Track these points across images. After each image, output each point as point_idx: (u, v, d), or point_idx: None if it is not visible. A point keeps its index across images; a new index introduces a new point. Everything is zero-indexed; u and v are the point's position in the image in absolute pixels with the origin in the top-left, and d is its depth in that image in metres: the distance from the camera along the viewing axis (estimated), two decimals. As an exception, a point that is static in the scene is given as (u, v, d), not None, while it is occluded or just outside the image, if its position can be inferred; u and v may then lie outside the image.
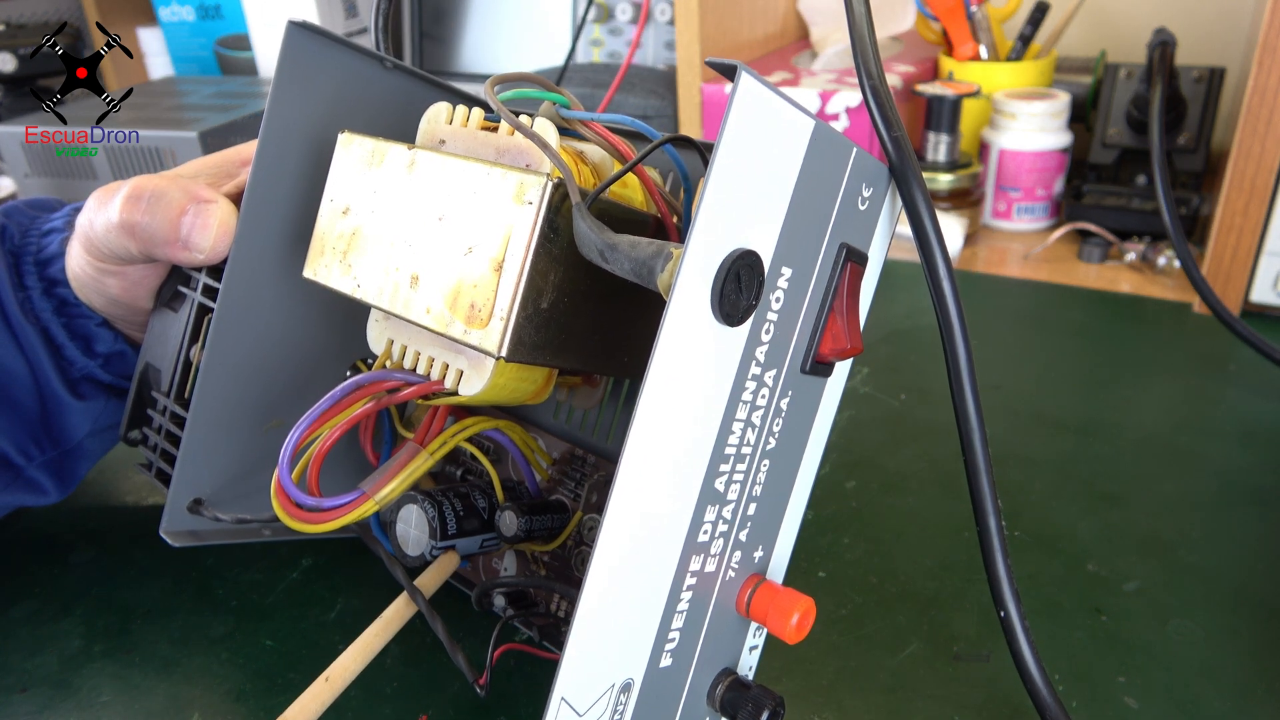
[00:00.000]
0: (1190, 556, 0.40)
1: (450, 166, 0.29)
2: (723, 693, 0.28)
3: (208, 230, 0.33)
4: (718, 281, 0.23)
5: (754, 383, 0.26)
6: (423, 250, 0.29)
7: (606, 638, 0.24)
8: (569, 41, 0.95)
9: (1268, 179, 0.55)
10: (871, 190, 0.29)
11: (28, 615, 0.41)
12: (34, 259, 0.40)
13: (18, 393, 0.40)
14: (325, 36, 0.33)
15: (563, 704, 0.23)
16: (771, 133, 0.24)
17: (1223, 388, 0.52)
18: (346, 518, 0.31)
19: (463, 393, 0.30)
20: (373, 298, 0.30)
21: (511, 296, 0.27)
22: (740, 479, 0.27)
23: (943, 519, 0.43)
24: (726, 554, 0.28)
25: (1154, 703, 0.33)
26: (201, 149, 0.73)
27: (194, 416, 0.34)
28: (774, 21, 0.87)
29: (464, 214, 0.28)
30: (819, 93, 0.70)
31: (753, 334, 0.25)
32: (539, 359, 0.28)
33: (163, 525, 0.34)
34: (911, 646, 0.36)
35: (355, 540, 0.44)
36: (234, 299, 0.34)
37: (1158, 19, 0.81)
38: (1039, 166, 0.72)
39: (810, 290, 0.27)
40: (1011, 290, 0.65)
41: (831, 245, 0.27)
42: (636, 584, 0.24)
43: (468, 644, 0.38)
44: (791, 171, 0.25)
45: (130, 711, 0.36)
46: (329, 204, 0.32)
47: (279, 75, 0.32)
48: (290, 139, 0.33)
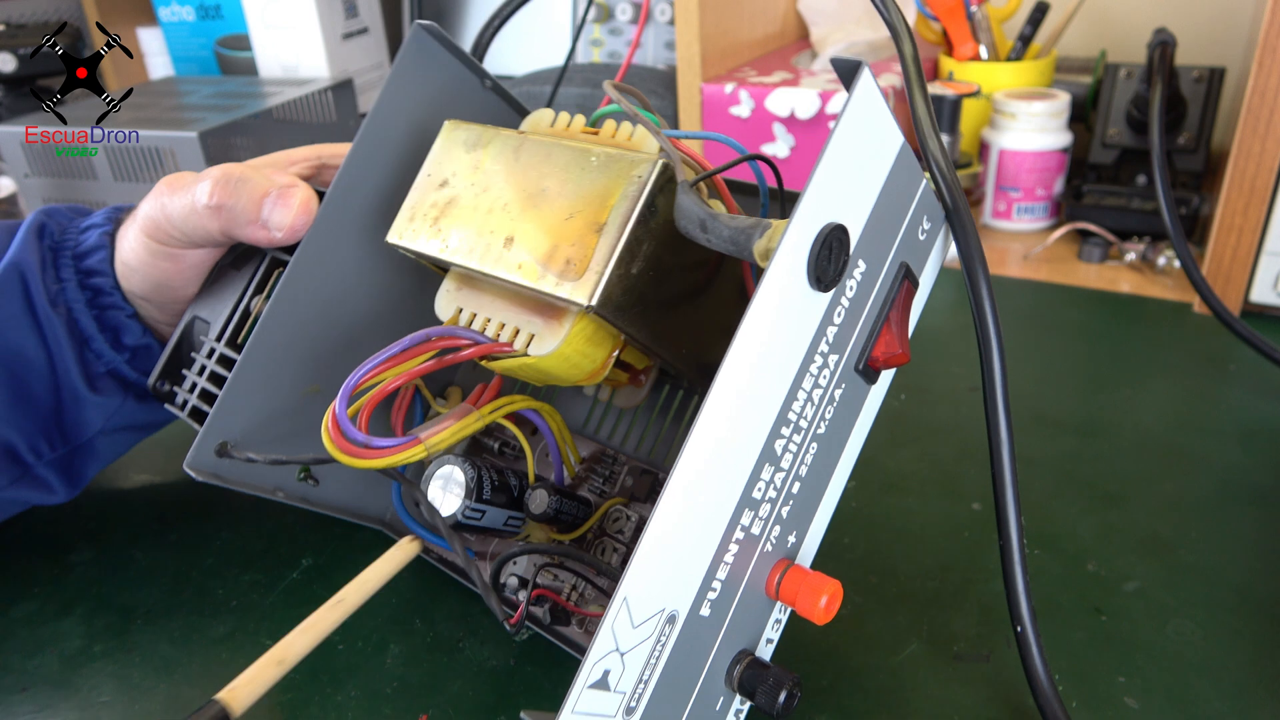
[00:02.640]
0: (1190, 556, 0.40)
1: (561, 147, 0.31)
2: (741, 671, 0.29)
3: (289, 211, 0.36)
4: (815, 245, 0.26)
5: (820, 359, 0.28)
6: (521, 216, 0.31)
7: (668, 557, 0.25)
8: (569, 41, 0.95)
9: (1268, 179, 0.55)
10: (930, 225, 0.32)
11: (28, 615, 0.41)
12: (72, 253, 0.41)
13: (35, 385, 0.40)
14: (445, 42, 0.37)
15: (624, 605, 0.24)
16: (874, 134, 0.28)
17: (1223, 388, 0.52)
18: (395, 457, 0.31)
19: (533, 353, 0.31)
20: (460, 257, 0.32)
21: (609, 253, 0.29)
22: (793, 451, 0.29)
23: (943, 519, 0.43)
24: (769, 524, 0.29)
25: (1154, 703, 0.33)
26: (201, 149, 0.73)
27: (244, 360, 0.35)
28: (774, 21, 0.87)
29: (570, 187, 0.30)
30: (819, 93, 0.70)
31: (829, 310, 0.28)
32: (619, 320, 0.30)
33: (188, 460, 0.34)
34: (911, 646, 0.36)
35: (355, 541, 0.44)
36: (308, 257, 0.36)
37: (1158, 19, 0.81)
38: (1039, 166, 0.72)
39: (874, 293, 0.30)
40: (1011, 290, 0.65)
41: (895, 259, 0.30)
42: (701, 510, 0.26)
43: (468, 644, 0.38)
44: (880, 175, 0.29)
45: (130, 711, 0.36)
46: (425, 178, 0.34)
47: (398, 66, 0.36)
48: (391, 123, 0.36)
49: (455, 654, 0.37)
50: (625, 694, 0.25)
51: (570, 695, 0.23)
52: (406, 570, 0.41)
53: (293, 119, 0.93)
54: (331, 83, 0.90)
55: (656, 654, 0.26)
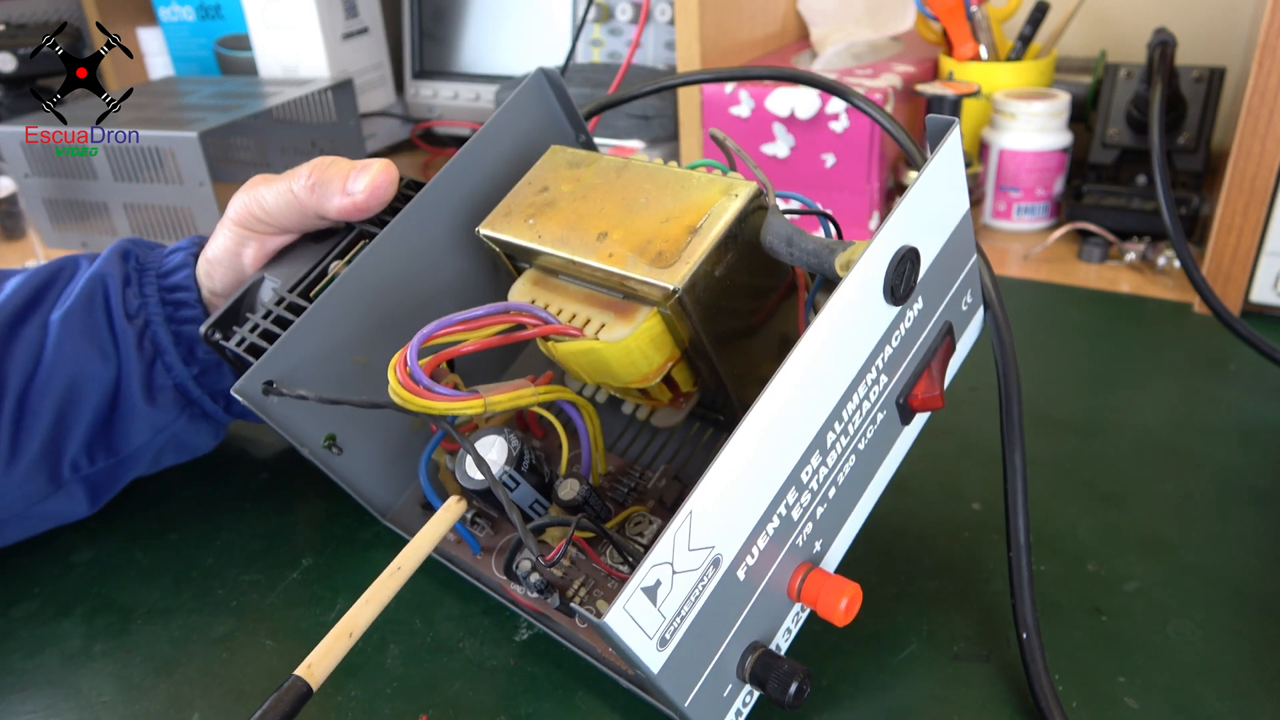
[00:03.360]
0: (1190, 556, 0.40)
1: (665, 170, 0.35)
2: (753, 662, 0.29)
3: (365, 177, 0.40)
4: (895, 260, 0.29)
5: (875, 372, 0.31)
6: (617, 218, 0.34)
7: (732, 489, 0.27)
8: (569, 41, 0.95)
9: (1268, 179, 0.54)
10: (971, 301, 0.36)
11: (28, 615, 0.41)
12: (156, 272, 0.45)
13: (94, 395, 0.43)
14: (559, 91, 0.42)
15: (689, 519, 0.26)
16: (951, 188, 0.32)
17: (1223, 388, 0.52)
18: (454, 405, 0.33)
19: (603, 338, 0.34)
20: (551, 246, 0.35)
21: (701, 249, 0.32)
22: (838, 451, 0.31)
23: (943, 519, 0.43)
24: (805, 517, 0.30)
25: (1154, 703, 0.33)
26: (201, 149, 0.73)
27: (314, 309, 0.38)
28: (774, 21, 0.87)
29: (669, 200, 0.34)
30: (819, 93, 0.70)
31: (891, 328, 0.31)
32: (696, 313, 0.33)
33: (237, 385, 0.36)
34: (911, 646, 0.36)
35: (355, 541, 0.44)
36: (396, 234, 0.40)
37: (1158, 19, 0.81)
38: (1039, 166, 0.72)
39: (924, 335, 0.33)
40: (1011, 290, 0.65)
41: (944, 314, 0.34)
42: (765, 458, 0.27)
43: (468, 644, 0.38)
44: (948, 226, 0.32)
45: (130, 711, 0.36)
46: (525, 185, 0.38)
47: (517, 95, 0.41)
48: (497, 139, 0.41)
49: (455, 654, 0.37)
50: (666, 619, 0.26)
51: (626, 589, 0.24)
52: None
53: (293, 119, 0.93)
54: (331, 83, 0.90)
55: (697, 592, 0.27)
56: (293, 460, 0.50)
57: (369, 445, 0.42)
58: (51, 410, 0.42)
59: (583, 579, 0.37)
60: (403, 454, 0.43)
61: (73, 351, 0.42)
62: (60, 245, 0.84)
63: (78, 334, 0.42)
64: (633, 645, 0.25)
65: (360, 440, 0.41)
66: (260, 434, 0.54)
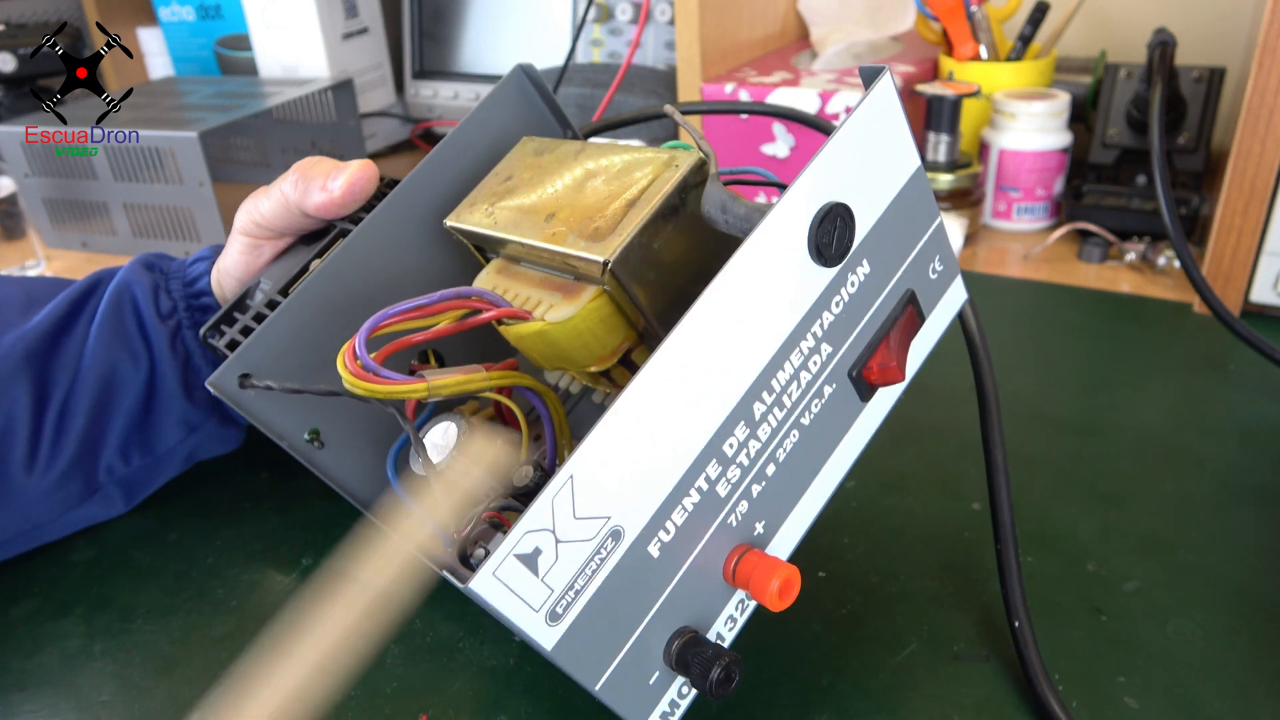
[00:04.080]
0: (1190, 556, 0.40)
1: (618, 148, 0.35)
2: (679, 647, 0.28)
3: (343, 175, 0.41)
4: (817, 217, 0.28)
5: (813, 339, 0.30)
6: (566, 198, 0.34)
7: (623, 458, 0.26)
8: (569, 41, 0.95)
9: (1268, 179, 0.55)
10: (943, 269, 0.34)
11: (28, 615, 0.41)
12: (181, 280, 0.46)
13: (128, 396, 0.44)
14: (540, 87, 0.42)
15: (569, 483, 0.25)
16: (890, 141, 0.30)
17: (1223, 388, 0.52)
18: (398, 388, 0.33)
19: (549, 319, 0.33)
20: (503, 230, 0.35)
21: (635, 222, 0.31)
22: (772, 424, 0.30)
23: (943, 519, 0.43)
24: (736, 495, 0.29)
25: (1154, 703, 0.33)
26: (201, 149, 0.73)
27: (288, 303, 0.39)
28: (774, 21, 0.87)
29: (615, 175, 0.33)
30: (819, 93, 0.70)
31: (827, 293, 0.29)
32: (633, 286, 0.32)
33: (212, 378, 0.36)
34: (911, 646, 0.36)
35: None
36: (369, 230, 0.40)
37: (1158, 19, 0.81)
38: (1039, 166, 0.72)
39: (877, 304, 0.32)
40: (1011, 290, 0.65)
41: (901, 283, 0.32)
42: (667, 425, 0.26)
43: (468, 644, 0.38)
44: (894, 184, 0.31)
45: (130, 711, 0.36)
46: (493, 176, 0.38)
47: (492, 95, 0.41)
48: (472, 137, 0.41)
49: (455, 654, 0.37)
50: (554, 592, 0.25)
51: (495, 554, 0.23)
52: (406, 570, 0.42)
53: (293, 119, 0.93)
54: (331, 83, 0.90)
55: (594, 566, 0.26)
56: (293, 461, 0.50)
57: (352, 440, 0.42)
58: (86, 415, 0.43)
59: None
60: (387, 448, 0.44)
61: (105, 357, 0.44)
62: (60, 245, 0.84)
63: (110, 339, 0.44)
64: (514, 617, 0.24)
65: (343, 435, 0.41)
66: (260, 434, 0.54)
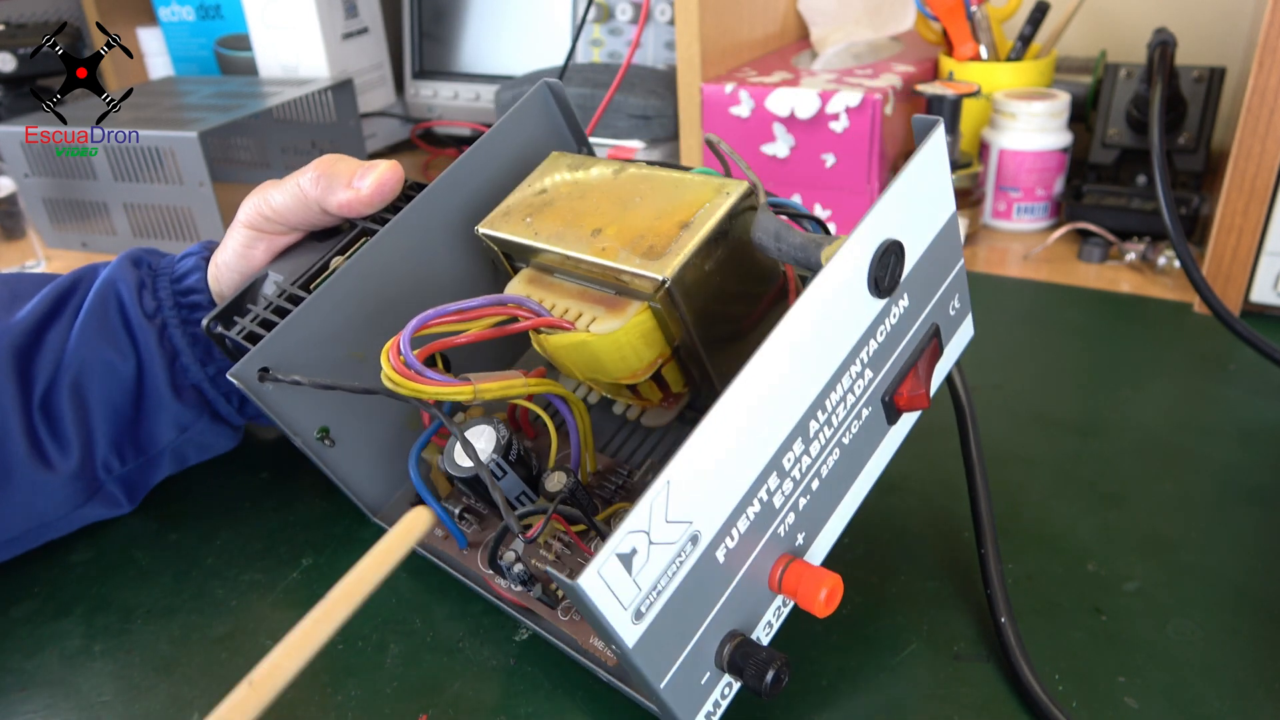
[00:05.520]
0: (1190, 556, 0.40)
1: (661, 172, 0.36)
2: (731, 650, 0.29)
3: (372, 174, 0.41)
4: (878, 252, 0.30)
5: (860, 365, 0.31)
6: (612, 215, 0.35)
7: (711, 463, 0.27)
8: (569, 41, 0.95)
9: (1268, 179, 0.54)
10: (959, 307, 0.37)
11: (28, 615, 0.41)
12: (169, 277, 0.46)
13: (118, 396, 0.44)
14: (563, 104, 0.44)
15: (666, 488, 0.26)
16: (935, 187, 0.33)
17: (1223, 388, 0.52)
18: (444, 390, 0.33)
19: (594, 330, 0.34)
20: (547, 242, 0.35)
21: (692, 243, 0.32)
22: (821, 441, 0.31)
23: (943, 519, 0.43)
24: (786, 507, 0.30)
25: (1154, 703, 0.33)
26: (201, 149, 0.73)
27: (312, 299, 0.39)
28: (774, 21, 0.87)
29: (663, 199, 0.35)
30: (819, 93, 0.70)
31: (875, 322, 0.31)
32: (685, 304, 0.33)
33: (234, 370, 0.37)
34: (911, 646, 0.36)
35: (355, 541, 0.44)
36: (396, 231, 0.41)
37: (1158, 19, 0.81)
38: (1039, 166, 0.72)
39: (910, 333, 0.34)
40: (1011, 290, 0.65)
41: (930, 316, 0.35)
42: (746, 434, 0.28)
43: (468, 644, 0.38)
44: (934, 226, 0.33)
45: (130, 711, 0.36)
46: (526, 187, 0.39)
47: (521, 107, 0.42)
48: (498, 146, 0.42)
49: (455, 654, 0.37)
50: (641, 591, 0.26)
51: (601, 553, 0.24)
52: (406, 570, 0.42)
53: (293, 119, 0.93)
54: (331, 83, 0.90)
55: (674, 568, 0.27)
56: (293, 460, 0.50)
57: (362, 441, 0.42)
58: (72, 409, 0.43)
59: (567, 572, 0.37)
60: (396, 452, 0.44)
61: (89, 354, 0.43)
62: (60, 245, 0.84)
63: (94, 336, 0.43)
64: (607, 614, 0.25)
65: (354, 435, 0.42)
66: (261, 434, 0.54)
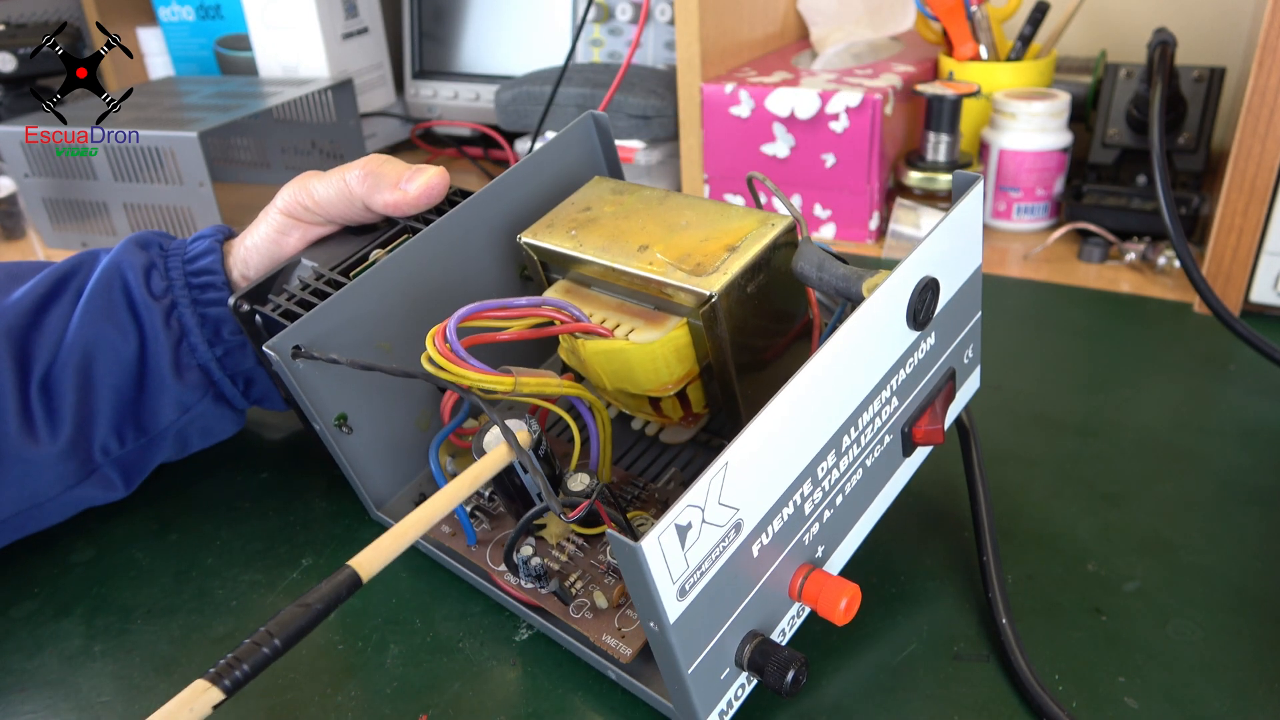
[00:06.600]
0: (1190, 556, 0.40)
1: (705, 200, 0.38)
2: (752, 649, 0.30)
3: (421, 177, 0.43)
4: (919, 285, 0.32)
5: (889, 392, 0.33)
6: (657, 234, 0.37)
7: (760, 458, 0.28)
8: (569, 41, 0.95)
9: (1268, 179, 0.55)
10: (971, 356, 0.39)
11: (28, 615, 0.41)
12: (181, 257, 0.46)
13: (119, 376, 0.44)
14: (604, 136, 0.47)
15: (724, 469, 0.27)
16: (968, 235, 0.35)
17: (1223, 388, 0.52)
18: (486, 378, 0.34)
19: (633, 339, 0.36)
20: (593, 254, 0.37)
21: (739, 264, 0.34)
22: (850, 458, 0.33)
23: (943, 519, 0.43)
24: (813, 516, 0.31)
25: (1154, 703, 0.33)
26: (201, 149, 0.73)
27: (352, 286, 0.40)
28: (774, 21, 0.87)
29: (709, 224, 0.37)
30: (819, 93, 0.70)
31: (906, 354, 0.33)
32: (728, 319, 0.35)
33: (271, 341, 0.37)
34: (911, 646, 0.36)
35: (355, 541, 0.44)
36: (440, 232, 0.42)
37: (1158, 19, 0.81)
38: (1039, 166, 0.72)
39: (932, 371, 0.36)
40: (1011, 290, 0.65)
41: (949, 360, 0.37)
42: (790, 437, 0.29)
43: (468, 644, 0.38)
44: (964, 272, 0.36)
45: (130, 711, 0.36)
46: (569, 204, 0.41)
47: (566, 133, 0.45)
48: (543, 164, 0.45)
49: (455, 654, 0.37)
50: (689, 568, 0.27)
51: (663, 520, 0.25)
52: (406, 570, 0.42)
53: (293, 119, 0.93)
54: (331, 83, 0.90)
55: (718, 551, 0.27)
56: (293, 460, 0.51)
57: (376, 433, 0.43)
58: (73, 389, 0.43)
59: (579, 573, 0.38)
60: (407, 449, 0.44)
61: (92, 334, 0.43)
62: (60, 245, 0.84)
63: (97, 315, 0.44)
64: (658, 581, 0.26)
65: (369, 427, 0.42)
66: (261, 434, 0.54)
